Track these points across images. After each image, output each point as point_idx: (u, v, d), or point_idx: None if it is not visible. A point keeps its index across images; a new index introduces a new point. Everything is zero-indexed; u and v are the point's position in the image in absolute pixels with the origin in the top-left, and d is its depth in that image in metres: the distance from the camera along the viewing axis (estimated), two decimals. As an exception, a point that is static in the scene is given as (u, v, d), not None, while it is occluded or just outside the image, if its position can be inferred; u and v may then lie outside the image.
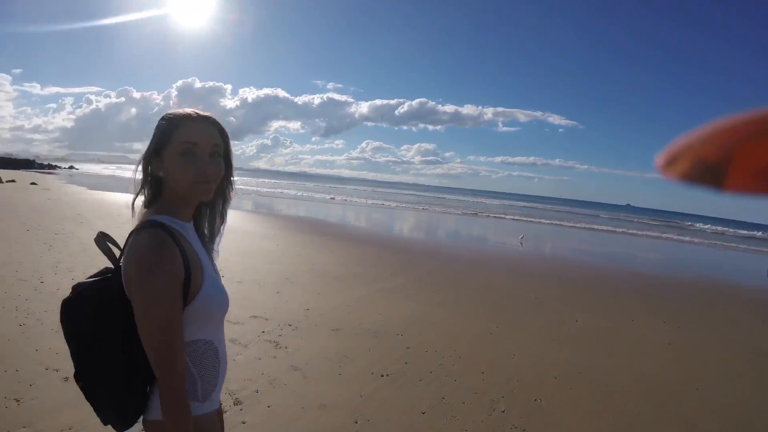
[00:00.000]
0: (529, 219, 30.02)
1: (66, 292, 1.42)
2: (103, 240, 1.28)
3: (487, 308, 6.14)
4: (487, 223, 24.36)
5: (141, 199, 1.29)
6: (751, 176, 0.40)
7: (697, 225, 41.79)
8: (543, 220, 29.58)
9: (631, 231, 26.68)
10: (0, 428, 2.77)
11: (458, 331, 5.10)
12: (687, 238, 25.46)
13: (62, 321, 1.25)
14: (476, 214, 31.38)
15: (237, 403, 3.29)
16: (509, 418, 3.27)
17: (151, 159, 1.23)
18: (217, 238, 1.42)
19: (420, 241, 14.31)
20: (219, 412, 1.36)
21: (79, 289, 1.24)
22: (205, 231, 1.39)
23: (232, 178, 1.35)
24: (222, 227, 1.43)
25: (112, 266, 1.26)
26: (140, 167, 1.25)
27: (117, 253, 1.28)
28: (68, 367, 3.42)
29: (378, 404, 3.36)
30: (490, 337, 5.03)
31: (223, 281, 1.52)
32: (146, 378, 1.24)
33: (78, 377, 1.27)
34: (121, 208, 15.10)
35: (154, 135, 1.24)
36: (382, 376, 3.84)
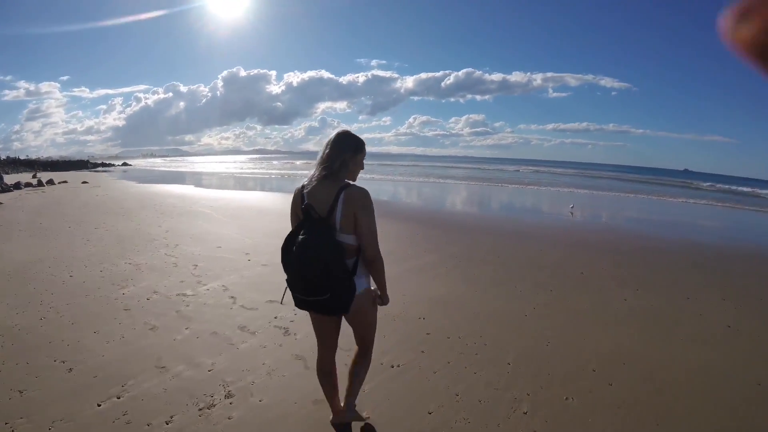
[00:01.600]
0: (582, 188, 28.31)
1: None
2: (310, 207, 2.14)
3: (526, 286, 5.61)
4: (536, 194, 23.06)
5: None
6: None
7: (762, 192, 37.24)
8: (595, 190, 27.78)
9: (688, 199, 24.53)
10: None
11: (488, 314, 4.64)
12: (751, 207, 22.73)
13: (303, 254, 2.06)
14: (523, 184, 30.06)
15: (228, 396, 3.07)
16: (531, 421, 2.81)
17: (350, 157, 2.18)
18: None
19: (460, 215, 13.65)
20: None
21: (304, 234, 2.10)
22: None
23: None
24: None
25: (313, 222, 2.13)
26: (338, 156, 2.15)
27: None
28: (76, 359, 3.50)
29: (381, 400, 3.02)
30: (524, 320, 4.54)
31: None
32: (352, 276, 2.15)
33: (318, 291, 2.09)
34: (164, 198, 15.48)
35: (356, 145, 2.20)
36: (393, 366, 3.49)
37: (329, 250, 2.04)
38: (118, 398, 3.03)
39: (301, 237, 2.08)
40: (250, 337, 3.99)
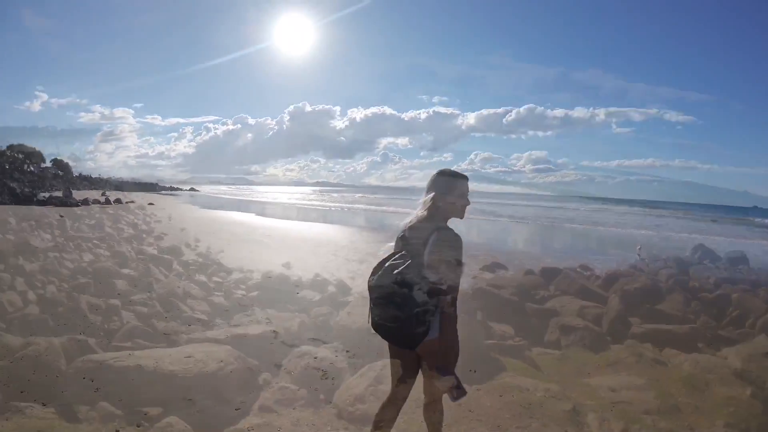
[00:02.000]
0: (647, 229, 25.93)
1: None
2: (406, 241, 2.30)
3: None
4: (603, 234, 21.65)
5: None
6: None
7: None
8: (663, 230, 25.31)
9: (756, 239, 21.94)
10: None
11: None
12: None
13: (385, 277, 2.17)
14: (587, 224, 28.26)
15: (251, 442, 2.78)
16: None
17: (440, 197, 2.27)
18: None
19: (519, 255, 12.85)
20: None
21: (393, 260, 2.21)
22: None
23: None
24: None
25: (405, 253, 2.22)
26: (430, 197, 2.28)
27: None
28: (105, 380, 3.56)
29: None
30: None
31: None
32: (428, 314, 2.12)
33: (388, 316, 2.15)
34: (225, 224, 15.69)
35: (446, 185, 2.30)
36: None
37: (410, 279, 2.11)
38: (138, 426, 2.91)
39: (389, 262, 2.21)
40: (285, 376, 3.74)
